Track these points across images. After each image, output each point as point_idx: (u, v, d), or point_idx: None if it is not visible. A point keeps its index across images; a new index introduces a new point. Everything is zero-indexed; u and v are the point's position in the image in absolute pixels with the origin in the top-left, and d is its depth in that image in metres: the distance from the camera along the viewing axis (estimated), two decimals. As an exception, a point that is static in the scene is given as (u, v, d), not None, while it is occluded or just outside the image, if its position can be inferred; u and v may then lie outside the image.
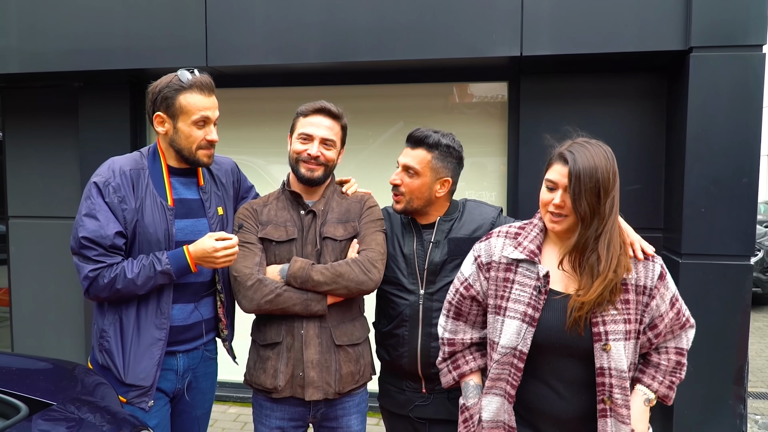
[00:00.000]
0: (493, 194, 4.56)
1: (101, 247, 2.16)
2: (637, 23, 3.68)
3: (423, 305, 2.33)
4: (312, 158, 2.30)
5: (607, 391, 1.81)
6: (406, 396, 2.41)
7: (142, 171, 2.27)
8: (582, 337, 1.82)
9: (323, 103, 2.35)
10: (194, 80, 2.24)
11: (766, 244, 9.46)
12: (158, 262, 2.18)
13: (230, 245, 2.19)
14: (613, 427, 1.82)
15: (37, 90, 4.99)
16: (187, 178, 2.38)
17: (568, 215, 1.84)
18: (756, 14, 3.53)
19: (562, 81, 4.12)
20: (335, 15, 4.01)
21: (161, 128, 2.28)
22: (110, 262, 2.16)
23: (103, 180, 2.20)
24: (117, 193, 2.19)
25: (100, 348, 2.26)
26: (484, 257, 2.02)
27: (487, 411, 1.95)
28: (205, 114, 2.26)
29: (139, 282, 2.16)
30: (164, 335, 2.26)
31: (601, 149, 1.83)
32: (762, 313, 9.07)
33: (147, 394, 2.25)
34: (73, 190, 4.92)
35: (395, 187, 2.36)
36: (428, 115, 4.63)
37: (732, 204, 3.57)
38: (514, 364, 1.88)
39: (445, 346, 2.13)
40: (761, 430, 4.68)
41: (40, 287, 5.11)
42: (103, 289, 2.16)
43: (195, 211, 2.37)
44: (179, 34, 4.22)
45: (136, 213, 2.21)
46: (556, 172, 1.86)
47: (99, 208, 2.17)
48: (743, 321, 3.60)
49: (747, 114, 3.55)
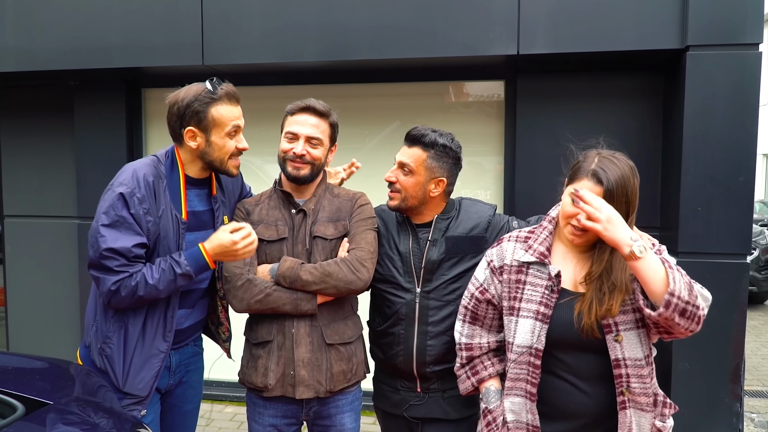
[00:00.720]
0: (489, 193, 4.56)
1: (124, 257, 2.10)
2: (633, 22, 3.68)
3: (419, 303, 2.33)
4: (297, 156, 2.30)
5: (624, 383, 1.82)
6: (401, 396, 2.41)
7: (161, 181, 2.21)
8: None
9: (309, 101, 2.34)
10: (224, 90, 2.21)
11: (761, 243, 9.49)
12: (177, 266, 2.14)
13: (247, 233, 2.15)
14: (632, 417, 1.83)
15: (32, 89, 4.97)
16: (201, 189, 2.36)
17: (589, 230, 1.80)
18: (752, 13, 3.53)
19: (559, 80, 4.13)
20: (332, 14, 4.00)
21: (193, 143, 2.22)
22: (132, 272, 2.11)
23: (129, 190, 2.11)
24: (142, 204, 2.13)
25: (100, 352, 2.23)
26: (497, 261, 2.05)
27: (510, 412, 1.96)
28: (237, 123, 2.24)
29: (161, 287, 2.13)
30: (167, 347, 2.25)
31: (628, 165, 1.84)
32: (758, 311, 9.10)
33: (142, 403, 2.25)
34: (69, 189, 4.91)
35: (391, 184, 2.36)
36: (425, 114, 4.63)
37: (728, 203, 3.58)
38: (532, 362, 1.90)
39: (462, 351, 2.14)
40: (758, 428, 4.69)
41: (35, 287, 5.10)
42: (125, 299, 2.12)
43: (205, 223, 2.36)
44: (175, 33, 4.21)
45: (158, 227, 2.17)
46: (585, 187, 1.82)
47: (123, 220, 2.10)
48: (739, 319, 3.61)
49: (743, 113, 3.55)
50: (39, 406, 1.93)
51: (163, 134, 4.93)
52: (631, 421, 1.83)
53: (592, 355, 1.87)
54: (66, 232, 4.94)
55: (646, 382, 1.84)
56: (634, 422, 1.83)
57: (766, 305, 9.63)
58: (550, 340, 1.88)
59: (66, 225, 4.95)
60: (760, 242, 9.48)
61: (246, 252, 2.16)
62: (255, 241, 2.18)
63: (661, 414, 1.92)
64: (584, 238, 1.87)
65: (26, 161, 5.06)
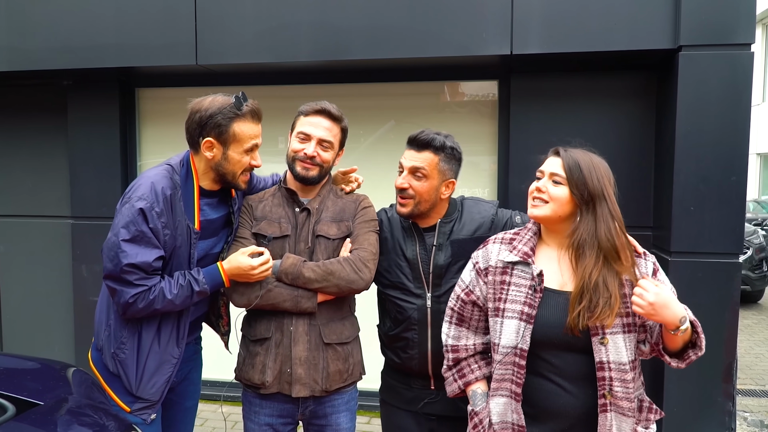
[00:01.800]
0: (484, 192, 4.58)
1: (143, 271, 2.11)
2: (626, 22, 3.69)
3: (431, 308, 2.33)
4: (308, 158, 2.31)
5: (607, 385, 1.83)
6: (414, 393, 2.41)
7: (176, 192, 2.20)
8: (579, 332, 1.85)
9: (324, 104, 2.36)
10: (250, 109, 2.22)
11: (755, 242, 9.53)
12: (195, 283, 2.19)
13: (265, 260, 2.21)
14: (613, 421, 1.84)
15: (26, 88, 4.96)
16: (214, 199, 2.37)
17: (549, 201, 1.93)
18: (744, 13, 3.54)
19: (552, 79, 4.14)
20: (326, 13, 4.01)
21: (209, 153, 2.22)
22: (150, 285, 2.13)
23: (148, 205, 2.11)
24: (161, 218, 2.13)
25: (113, 356, 2.24)
26: (482, 263, 2.08)
27: (495, 413, 1.98)
28: (256, 141, 2.26)
29: (177, 302, 2.17)
30: (179, 354, 2.29)
31: (595, 155, 1.97)
32: (751, 311, 9.14)
33: (152, 407, 2.28)
34: (63, 188, 4.90)
35: (402, 191, 2.33)
36: (419, 114, 4.64)
37: (721, 202, 3.59)
38: (517, 363, 1.91)
39: (449, 353, 2.15)
40: (750, 427, 4.71)
41: (28, 286, 5.09)
42: (141, 310, 2.14)
43: (217, 229, 2.38)
44: (169, 32, 4.21)
45: (174, 240, 2.19)
46: (546, 163, 2.00)
47: (143, 235, 2.10)
48: (732, 318, 3.62)
49: (735, 112, 3.57)
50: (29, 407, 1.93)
51: (157, 134, 4.94)
52: (611, 424, 1.84)
53: (577, 355, 1.88)
54: (60, 231, 4.93)
55: (629, 387, 1.85)
56: (615, 426, 1.84)
57: (760, 304, 9.68)
58: (534, 340, 1.89)
59: (60, 225, 4.94)
60: (753, 241, 9.52)
61: (261, 276, 2.22)
62: (271, 266, 2.24)
63: (645, 419, 1.94)
64: (543, 210, 1.95)
65: (19, 161, 5.05)
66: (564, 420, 1.90)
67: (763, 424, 4.76)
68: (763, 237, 10.23)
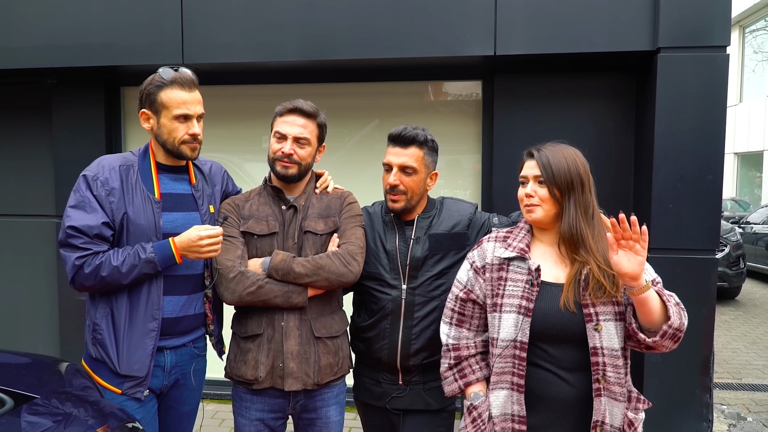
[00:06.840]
0: (467, 192, 4.63)
1: (87, 236, 2.20)
2: (607, 24, 3.77)
3: (405, 299, 2.40)
4: (285, 156, 2.36)
5: (601, 370, 1.91)
6: (383, 388, 2.47)
7: (131, 167, 2.34)
8: (575, 321, 1.92)
9: (297, 102, 2.41)
10: (175, 76, 2.30)
11: (732, 240, 9.69)
12: (143, 251, 2.23)
13: (214, 234, 2.24)
14: (606, 405, 1.91)
15: (10, 86, 4.92)
16: (178, 174, 2.44)
17: (540, 204, 2.00)
18: (720, 16, 3.64)
19: (535, 80, 4.20)
20: (312, 13, 4.04)
21: (147, 124, 2.35)
22: (96, 250, 2.21)
23: (92, 174, 2.28)
24: (104, 186, 2.26)
25: (93, 341, 2.30)
26: (479, 262, 2.13)
27: (495, 406, 2.02)
28: (186, 108, 2.31)
29: (123, 270, 2.20)
30: (157, 326, 2.30)
31: (569, 149, 2.05)
32: (729, 307, 9.30)
33: (142, 384, 2.29)
34: (47, 187, 4.87)
35: (393, 188, 2.40)
36: (404, 113, 4.68)
37: (698, 200, 3.68)
38: (517, 355, 1.97)
39: (450, 352, 2.18)
40: (727, 420, 4.82)
41: (13, 286, 5.06)
42: (88, 276, 2.19)
43: (185, 205, 2.42)
44: (155, 31, 4.21)
45: (124, 206, 2.26)
46: (525, 167, 2.06)
47: (86, 200, 2.24)
48: (709, 313, 3.72)
49: (712, 113, 3.66)
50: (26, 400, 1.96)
51: (143, 133, 4.92)
52: (605, 408, 1.91)
53: (573, 345, 1.95)
54: (44, 230, 4.90)
55: (620, 373, 1.93)
56: (608, 410, 1.92)
57: (737, 300, 9.86)
58: (533, 332, 1.96)
59: (44, 224, 4.91)
60: (731, 239, 9.69)
61: (208, 251, 2.25)
62: (221, 243, 2.27)
63: (634, 408, 2.01)
64: (539, 213, 2.00)
65: (3, 160, 5.01)
66: (558, 407, 1.97)
67: (740, 416, 4.88)
68: (740, 235, 10.42)
